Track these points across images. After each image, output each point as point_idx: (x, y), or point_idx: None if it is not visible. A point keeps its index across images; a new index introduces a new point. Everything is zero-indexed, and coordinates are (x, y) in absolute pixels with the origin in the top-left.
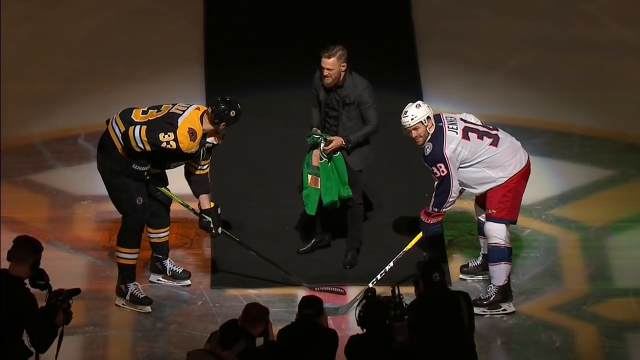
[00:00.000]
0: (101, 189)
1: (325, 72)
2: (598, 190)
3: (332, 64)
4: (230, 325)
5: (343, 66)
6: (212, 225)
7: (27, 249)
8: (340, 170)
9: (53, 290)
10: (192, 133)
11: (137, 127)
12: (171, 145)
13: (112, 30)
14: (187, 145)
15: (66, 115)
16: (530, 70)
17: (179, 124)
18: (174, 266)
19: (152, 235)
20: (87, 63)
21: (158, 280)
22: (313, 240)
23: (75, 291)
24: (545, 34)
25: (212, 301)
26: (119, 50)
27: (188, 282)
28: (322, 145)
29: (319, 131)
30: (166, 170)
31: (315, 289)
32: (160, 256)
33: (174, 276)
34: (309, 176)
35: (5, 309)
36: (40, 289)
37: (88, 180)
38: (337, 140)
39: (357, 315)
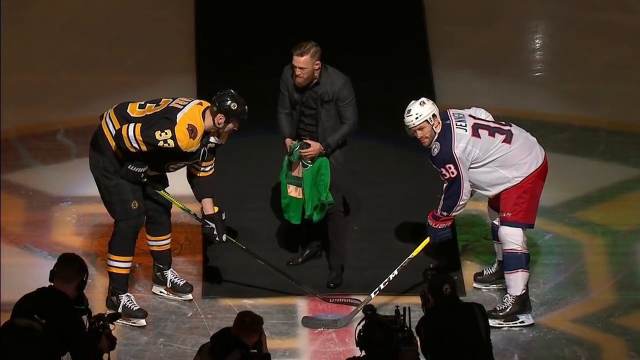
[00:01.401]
0: (82, 189)
1: (297, 72)
2: (626, 191)
3: (304, 62)
4: (222, 335)
5: (317, 64)
6: (215, 233)
7: (73, 266)
8: (325, 174)
9: (93, 315)
10: (191, 130)
11: (132, 125)
12: (169, 144)
13: (95, 15)
14: (186, 143)
15: (44, 108)
16: (552, 58)
17: (177, 120)
18: (175, 278)
19: (151, 243)
20: (67, 51)
21: (160, 292)
22: (307, 252)
23: (116, 315)
24: (571, 18)
25: (204, 312)
26: (102, 37)
27: (189, 296)
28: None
29: (296, 143)
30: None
31: (330, 300)
32: (162, 266)
33: (174, 289)
34: (289, 186)
35: (52, 326)
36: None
37: (68, 180)
38: (315, 146)
39: (356, 335)
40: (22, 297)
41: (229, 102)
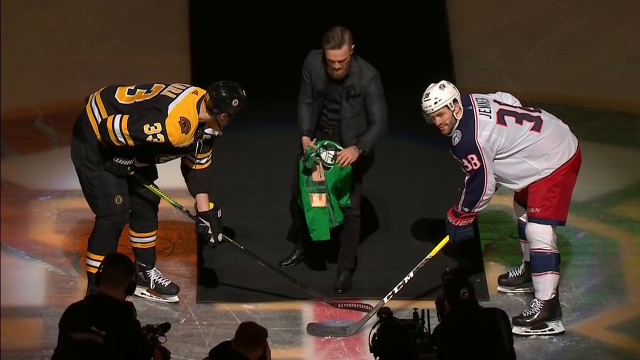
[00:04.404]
0: (63, 182)
1: (337, 66)
2: None
3: (343, 54)
4: (222, 349)
5: (353, 49)
6: (210, 232)
7: (121, 268)
8: (346, 176)
9: (142, 326)
10: (184, 124)
11: (118, 117)
12: (159, 139)
13: None
14: (178, 138)
15: (21, 92)
16: (585, 36)
17: (169, 112)
18: (159, 278)
19: (135, 240)
20: (46, 27)
21: (142, 294)
22: (297, 252)
23: (166, 326)
24: None
25: (199, 318)
26: (85, 12)
27: (175, 298)
28: (323, 155)
29: (312, 144)
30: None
31: (339, 305)
32: (144, 265)
33: (159, 290)
34: (312, 195)
35: (113, 338)
36: None
37: (47, 171)
38: (348, 153)
39: (370, 340)
40: (68, 308)
41: (229, 99)
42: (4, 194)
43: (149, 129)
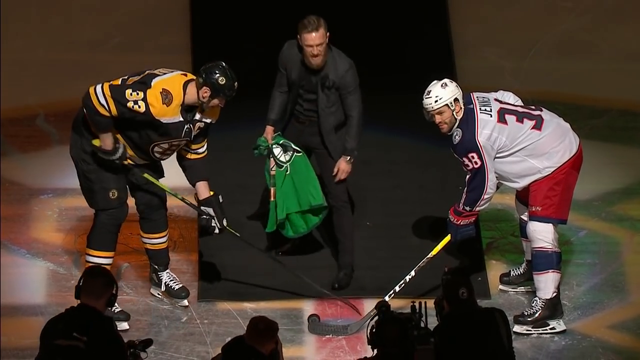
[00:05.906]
0: (64, 180)
1: (315, 51)
2: None
3: (320, 37)
4: (235, 344)
5: (328, 36)
6: (213, 224)
7: (100, 280)
8: (303, 174)
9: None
10: (165, 95)
11: (101, 83)
12: (139, 107)
13: None
14: (158, 108)
15: (22, 90)
16: (587, 35)
17: (152, 84)
18: (170, 281)
19: (145, 241)
20: (46, 26)
21: (158, 294)
22: (293, 242)
23: (148, 342)
24: None
25: (200, 317)
26: (85, 11)
27: (185, 302)
28: (276, 151)
29: (263, 138)
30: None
31: (340, 302)
32: (157, 267)
33: (169, 293)
34: (271, 189)
35: (94, 344)
36: None
37: (48, 169)
38: (343, 167)
39: (368, 332)
40: (49, 321)
41: (217, 75)
42: (5, 192)
43: (131, 94)
